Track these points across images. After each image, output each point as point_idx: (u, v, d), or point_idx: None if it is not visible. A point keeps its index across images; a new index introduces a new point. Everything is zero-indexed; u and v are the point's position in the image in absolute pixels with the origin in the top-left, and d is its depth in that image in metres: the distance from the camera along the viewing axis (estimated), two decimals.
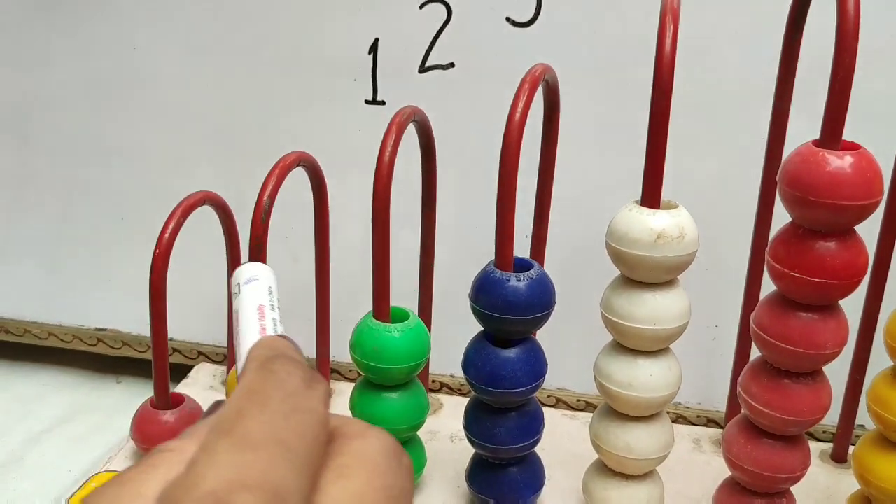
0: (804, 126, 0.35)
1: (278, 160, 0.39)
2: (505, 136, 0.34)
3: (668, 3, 0.33)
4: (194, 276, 0.50)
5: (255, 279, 0.27)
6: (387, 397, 0.38)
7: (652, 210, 0.33)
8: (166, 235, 0.39)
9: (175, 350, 0.51)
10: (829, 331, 0.32)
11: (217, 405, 0.21)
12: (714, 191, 0.46)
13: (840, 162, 0.30)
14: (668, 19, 0.33)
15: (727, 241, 0.45)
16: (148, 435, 0.41)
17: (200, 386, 0.49)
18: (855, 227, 0.32)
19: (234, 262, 0.45)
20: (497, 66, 0.47)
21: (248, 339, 0.25)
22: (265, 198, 0.38)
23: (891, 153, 0.38)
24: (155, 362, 0.40)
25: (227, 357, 0.48)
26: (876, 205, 0.31)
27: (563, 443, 0.44)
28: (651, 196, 0.33)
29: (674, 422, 0.48)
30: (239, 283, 0.27)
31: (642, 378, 0.35)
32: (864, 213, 0.31)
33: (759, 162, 0.40)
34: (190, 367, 0.51)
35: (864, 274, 0.32)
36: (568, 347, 0.46)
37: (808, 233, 0.32)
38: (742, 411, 0.36)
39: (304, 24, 0.49)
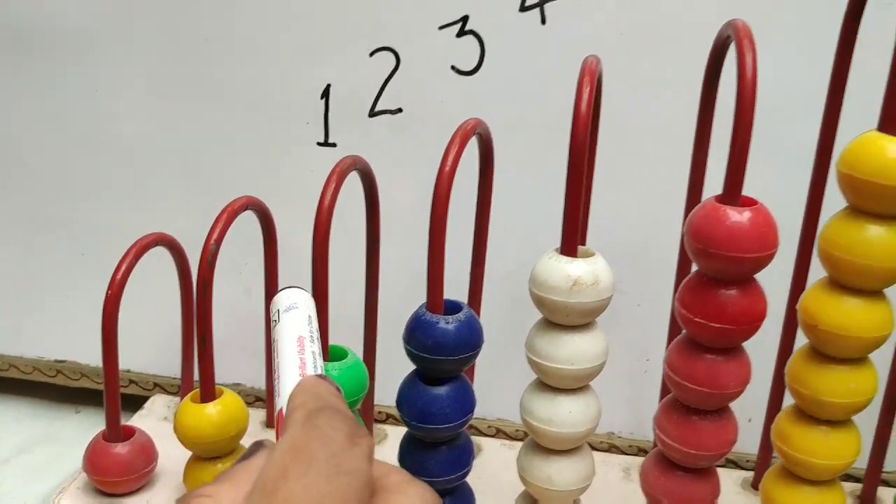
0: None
1: (226, 205, 0.42)
2: (435, 187, 0.37)
3: (588, 64, 0.36)
4: (151, 309, 0.51)
5: (295, 307, 0.28)
6: None
7: (569, 258, 0.35)
8: (118, 276, 0.41)
9: (131, 381, 0.53)
10: (732, 372, 0.35)
11: (257, 446, 0.21)
12: (646, 230, 0.49)
13: (738, 217, 0.33)
14: (586, 80, 0.35)
15: (657, 278, 0.47)
16: (99, 467, 0.43)
17: (155, 417, 0.51)
18: (755, 276, 0.34)
19: (186, 299, 0.47)
20: (442, 111, 0.49)
21: (288, 375, 0.25)
22: (212, 242, 0.40)
23: (797, 202, 0.41)
24: (107, 398, 0.42)
25: (180, 388, 0.50)
26: (771, 256, 0.33)
27: (500, 472, 0.46)
28: (569, 245, 0.36)
29: (606, 451, 0.50)
30: (279, 311, 0.28)
31: (562, 414, 0.37)
32: (759, 264, 0.33)
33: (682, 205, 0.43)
34: (146, 398, 0.53)
35: (762, 320, 0.34)
36: (507, 380, 0.48)
37: (711, 281, 0.34)
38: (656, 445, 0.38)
39: (260, 70, 0.51)
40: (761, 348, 0.38)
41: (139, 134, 0.53)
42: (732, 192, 0.33)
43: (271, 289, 0.47)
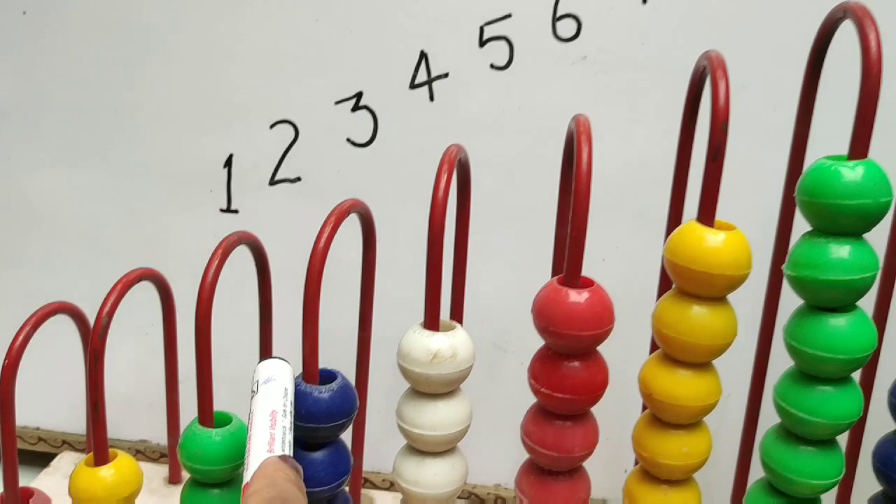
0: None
1: (121, 276, 0.44)
2: (309, 264, 0.39)
3: (448, 153, 0.39)
4: (60, 368, 0.53)
5: (273, 380, 0.31)
6: (210, 494, 0.42)
7: (431, 332, 0.38)
8: (16, 345, 0.43)
9: (40, 438, 0.55)
10: (578, 437, 0.38)
11: None
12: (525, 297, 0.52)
13: (577, 297, 0.36)
14: (444, 168, 0.38)
15: (537, 339, 0.50)
16: None
17: (62, 474, 0.53)
18: (597, 350, 0.38)
19: (90, 364, 0.49)
20: (339, 181, 0.53)
21: (256, 449, 0.28)
22: (104, 314, 0.42)
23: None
24: (4, 463, 0.44)
25: (87, 447, 0.52)
26: (607, 332, 0.36)
27: None
28: (431, 319, 0.39)
29: (493, 502, 0.53)
30: (258, 382, 0.31)
31: (428, 477, 0.40)
32: (597, 340, 0.36)
33: None
34: (54, 455, 0.55)
35: (603, 388, 0.37)
36: (399, 436, 0.51)
37: (555, 354, 0.37)
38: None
39: (165, 140, 0.54)
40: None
41: (47, 202, 0.56)
42: (572, 275, 0.37)
43: (171, 352, 0.49)
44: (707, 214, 0.36)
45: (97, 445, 0.43)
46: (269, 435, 0.29)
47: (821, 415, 0.36)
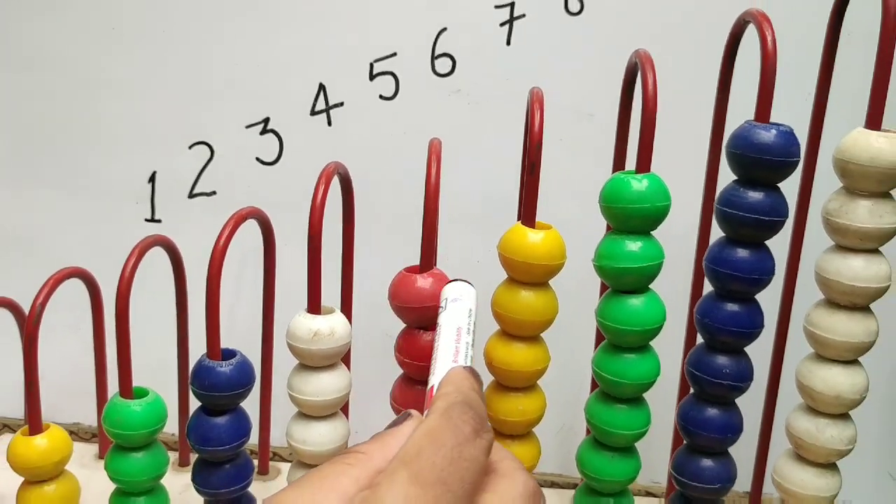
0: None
1: (53, 273, 0.51)
2: (210, 263, 0.47)
3: (325, 170, 0.48)
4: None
5: (460, 300, 0.33)
6: (132, 457, 0.49)
7: (312, 315, 0.47)
8: None
9: None
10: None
11: (406, 416, 0.27)
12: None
13: (422, 281, 0.45)
14: (322, 180, 0.47)
15: None
16: None
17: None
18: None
19: (25, 348, 0.56)
20: (250, 194, 0.61)
21: (442, 359, 0.29)
22: (38, 304, 0.50)
23: None
24: None
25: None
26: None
27: None
28: (312, 304, 0.47)
29: None
30: (447, 299, 0.34)
31: (314, 436, 0.48)
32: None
33: None
34: None
35: None
36: None
37: (412, 331, 0.46)
38: None
39: (97, 158, 0.62)
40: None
41: None
42: (425, 264, 0.45)
43: (99, 342, 0.57)
44: (528, 217, 0.45)
45: (31, 418, 0.51)
46: (454, 348, 0.30)
47: (627, 377, 0.45)
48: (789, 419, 0.47)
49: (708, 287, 0.48)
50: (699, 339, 0.48)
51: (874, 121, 0.42)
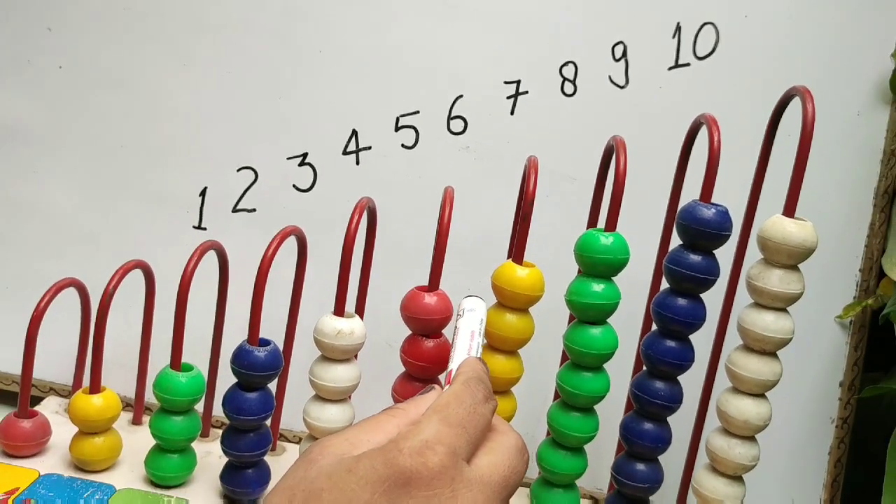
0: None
1: (122, 264, 0.62)
2: (260, 264, 0.58)
3: (359, 204, 0.59)
4: (55, 333, 0.70)
5: (473, 310, 0.46)
6: (173, 419, 0.60)
7: (337, 317, 0.58)
8: (42, 304, 0.61)
9: (33, 385, 0.71)
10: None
11: (430, 388, 0.39)
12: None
13: (428, 298, 0.56)
14: (357, 212, 0.58)
15: None
16: (10, 435, 0.61)
17: (49, 409, 0.69)
18: (442, 332, 0.57)
19: (84, 327, 0.67)
20: (286, 215, 0.72)
21: (460, 352, 0.41)
22: (110, 287, 0.60)
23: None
24: (22, 387, 0.61)
25: (71, 389, 0.69)
26: (447, 319, 0.56)
27: None
28: (338, 308, 0.58)
29: None
30: (464, 309, 0.46)
31: (327, 415, 0.58)
32: (441, 324, 0.56)
33: None
34: (42, 398, 0.71)
35: (447, 362, 0.57)
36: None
37: (416, 337, 0.57)
38: None
39: (160, 174, 0.73)
40: None
41: (64, 212, 0.73)
42: (432, 284, 0.57)
43: (147, 324, 0.67)
44: (518, 256, 0.56)
45: (94, 380, 0.61)
46: (468, 345, 0.42)
47: (583, 391, 0.57)
48: (708, 438, 0.59)
49: (654, 326, 0.60)
50: (643, 367, 0.60)
51: (789, 209, 0.54)
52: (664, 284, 0.59)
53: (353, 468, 0.31)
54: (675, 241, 0.58)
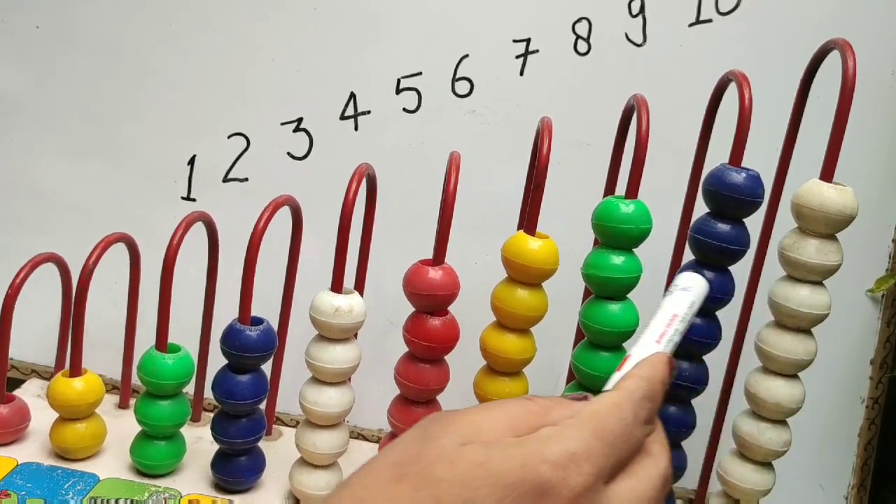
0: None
1: (102, 238, 0.58)
2: (250, 239, 0.54)
3: (358, 170, 0.55)
4: (32, 311, 0.66)
5: (689, 290, 0.35)
6: (159, 404, 0.56)
7: (335, 293, 0.54)
8: (17, 281, 0.56)
9: (12, 366, 0.67)
10: (434, 375, 0.53)
11: (583, 397, 0.31)
12: None
13: (433, 273, 0.52)
14: (355, 179, 0.54)
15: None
16: None
17: (30, 394, 0.65)
18: (448, 309, 0.53)
19: (65, 305, 0.63)
20: (280, 184, 0.67)
21: (650, 334, 0.32)
22: (90, 262, 0.56)
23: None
24: None
25: (53, 372, 0.65)
26: (454, 296, 0.52)
27: (290, 448, 0.62)
28: (336, 284, 0.54)
29: (376, 442, 0.68)
30: (676, 286, 0.36)
31: (325, 399, 0.54)
32: (448, 300, 0.52)
33: None
34: (22, 382, 0.67)
35: (455, 341, 0.53)
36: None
37: (420, 315, 0.53)
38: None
39: (144, 141, 0.68)
40: None
41: (48, 183, 0.69)
42: (437, 257, 0.52)
43: (132, 302, 0.63)
44: (530, 227, 0.52)
45: (73, 362, 0.57)
46: (662, 330, 0.33)
47: (599, 371, 0.53)
48: (735, 422, 0.55)
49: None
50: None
51: (827, 173, 0.50)
52: (687, 256, 0.54)
53: (484, 462, 0.27)
54: (700, 209, 0.54)
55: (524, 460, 0.27)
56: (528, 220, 0.52)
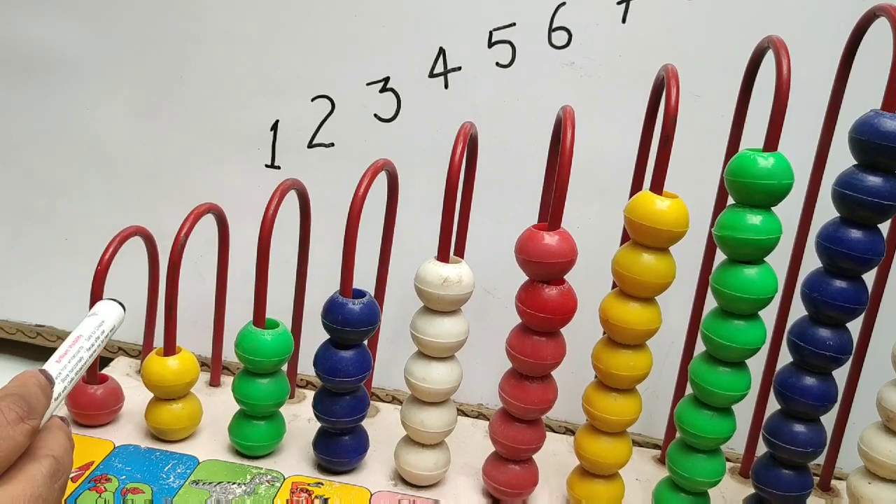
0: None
1: (194, 208, 0.55)
2: (351, 205, 0.51)
3: (463, 129, 0.51)
4: (119, 287, 0.64)
5: (95, 314, 0.38)
6: (259, 382, 0.53)
7: (442, 263, 0.50)
8: (106, 256, 0.54)
9: None
10: (550, 349, 0.49)
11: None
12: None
13: (549, 238, 0.48)
14: (460, 139, 0.50)
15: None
16: (80, 403, 0.55)
17: (119, 372, 0.63)
18: (565, 279, 0.49)
19: (153, 280, 0.60)
20: (366, 149, 0.64)
21: (55, 356, 0.35)
22: (182, 235, 0.53)
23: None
24: None
25: (142, 350, 0.62)
26: (572, 263, 0.48)
27: (391, 426, 0.59)
28: (443, 253, 0.50)
29: (475, 417, 0.65)
30: (90, 312, 0.39)
31: (433, 375, 0.51)
32: (564, 268, 0.48)
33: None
34: (110, 360, 0.65)
35: (573, 312, 0.49)
36: (403, 359, 0.62)
37: (535, 283, 0.49)
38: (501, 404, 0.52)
39: (223, 104, 0.65)
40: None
41: (120, 148, 0.66)
42: (554, 221, 0.48)
43: (222, 277, 0.60)
44: (657, 185, 0.47)
45: (168, 340, 0.54)
46: (61, 352, 0.37)
47: (735, 342, 0.48)
48: (881, 393, 0.50)
49: (807, 264, 0.51)
50: (791, 312, 0.51)
51: None
52: (819, 214, 0.49)
53: None
54: (834, 161, 0.49)
55: None
56: (654, 178, 0.48)
